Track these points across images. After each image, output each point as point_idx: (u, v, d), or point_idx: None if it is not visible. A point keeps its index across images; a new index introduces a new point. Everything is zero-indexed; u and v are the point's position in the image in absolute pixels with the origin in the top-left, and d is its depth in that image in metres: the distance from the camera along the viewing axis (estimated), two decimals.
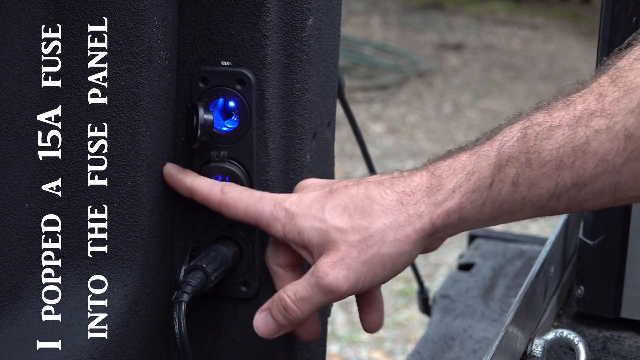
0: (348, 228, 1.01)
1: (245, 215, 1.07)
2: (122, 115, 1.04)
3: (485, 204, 0.98)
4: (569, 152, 0.93)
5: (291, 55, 1.09)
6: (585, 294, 1.36)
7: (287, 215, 1.05)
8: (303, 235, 1.04)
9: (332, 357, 3.58)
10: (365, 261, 1.01)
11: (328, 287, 1.01)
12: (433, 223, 1.00)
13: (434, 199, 1.00)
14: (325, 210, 1.03)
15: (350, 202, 1.02)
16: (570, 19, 9.31)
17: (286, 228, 1.05)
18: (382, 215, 1.01)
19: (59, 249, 1.05)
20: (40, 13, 0.99)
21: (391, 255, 1.01)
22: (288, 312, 1.04)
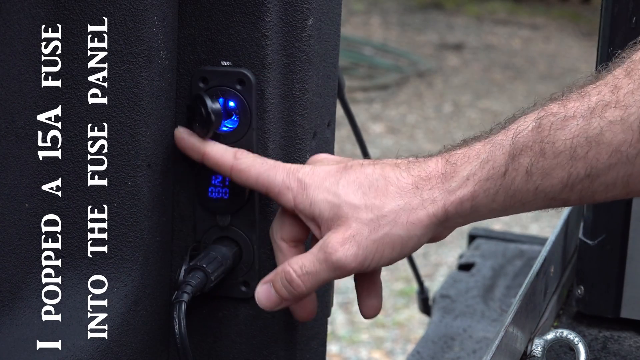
0: (361, 205, 1.01)
1: (256, 182, 1.06)
2: (122, 115, 1.04)
3: (499, 193, 0.97)
4: (582, 143, 0.93)
5: (291, 55, 1.09)
6: (585, 294, 1.36)
7: (299, 185, 1.04)
8: (314, 207, 1.03)
9: (332, 357, 3.58)
10: (375, 240, 1.00)
11: (336, 263, 1.00)
12: (446, 209, 1.00)
13: (448, 185, 1.00)
14: (339, 185, 1.02)
15: (365, 180, 1.02)
16: (570, 19, 9.31)
17: (297, 198, 1.04)
18: (396, 197, 1.00)
19: (59, 249, 1.05)
20: (40, 13, 0.99)
21: (402, 237, 1.00)
22: (292, 285, 1.03)
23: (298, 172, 1.05)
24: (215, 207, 1.12)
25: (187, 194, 1.13)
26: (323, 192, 1.03)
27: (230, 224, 1.12)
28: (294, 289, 1.03)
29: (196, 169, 1.12)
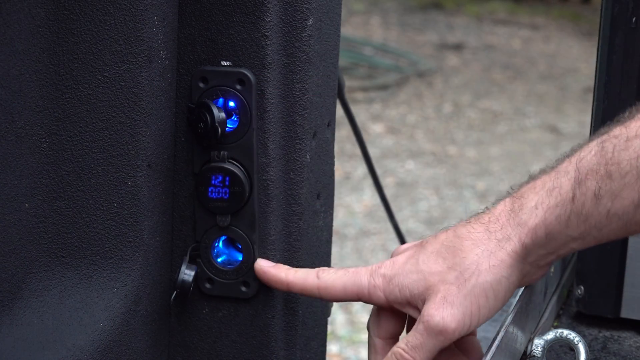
0: (444, 270, 1.03)
1: (344, 293, 1.08)
2: (122, 115, 1.04)
3: (570, 218, 0.98)
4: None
5: (291, 55, 1.09)
6: (585, 294, 1.36)
7: (384, 280, 1.06)
8: (404, 292, 1.05)
9: (332, 357, 3.58)
10: (467, 294, 1.01)
11: (436, 328, 1.02)
12: (522, 243, 1.01)
13: (518, 219, 1.01)
14: (419, 262, 1.04)
15: (441, 247, 1.04)
16: (570, 19, 9.31)
17: (387, 291, 1.06)
18: (473, 248, 1.02)
19: (59, 248, 1.05)
20: (40, 13, 0.99)
21: (490, 283, 1.01)
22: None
23: (380, 269, 1.07)
24: (215, 207, 1.12)
25: (187, 194, 1.13)
26: (407, 275, 1.05)
27: (230, 224, 1.12)
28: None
29: (196, 170, 1.12)
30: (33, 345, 1.01)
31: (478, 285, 1.01)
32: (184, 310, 1.16)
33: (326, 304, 1.24)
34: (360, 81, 7.01)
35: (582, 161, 0.97)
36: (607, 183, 0.95)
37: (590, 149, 0.98)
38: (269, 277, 1.11)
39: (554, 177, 1.00)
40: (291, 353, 1.17)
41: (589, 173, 0.96)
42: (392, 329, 1.10)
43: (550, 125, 6.44)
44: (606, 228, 0.98)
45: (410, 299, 1.05)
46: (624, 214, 0.96)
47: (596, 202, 0.96)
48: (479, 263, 1.01)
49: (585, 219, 0.97)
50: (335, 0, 1.16)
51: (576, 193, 0.97)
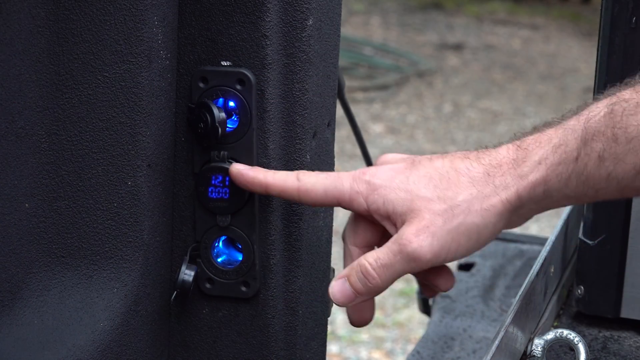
0: (433, 197, 1.01)
1: (325, 197, 1.06)
2: (122, 115, 1.04)
3: (571, 178, 0.97)
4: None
5: (291, 55, 1.09)
6: (585, 294, 1.36)
7: (368, 188, 1.04)
8: (387, 205, 1.02)
9: (332, 357, 3.58)
10: (450, 230, 1.00)
11: (412, 254, 1.00)
12: (519, 195, 0.99)
13: (520, 170, 0.99)
14: (409, 181, 1.02)
15: (435, 173, 1.02)
16: (570, 19, 9.31)
17: (369, 199, 1.03)
18: (468, 186, 1.00)
19: (59, 248, 1.05)
20: (40, 13, 0.99)
21: (477, 224, 1.00)
22: (367, 278, 1.02)
23: (364, 175, 1.05)
24: (215, 207, 1.12)
25: (187, 194, 1.13)
26: (394, 190, 1.02)
27: (230, 224, 1.12)
28: (369, 281, 1.02)
29: (196, 170, 1.12)
30: (33, 345, 1.01)
31: (464, 224, 1.00)
32: (184, 310, 1.16)
33: (326, 304, 1.24)
34: (360, 81, 7.01)
35: (590, 121, 0.97)
36: (612, 146, 0.95)
37: (599, 110, 0.97)
38: (247, 179, 1.08)
39: (561, 134, 0.99)
40: (291, 353, 1.17)
41: (596, 134, 0.96)
42: (368, 238, 1.07)
43: None
44: (603, 190, 0.97)
45: (391, 214, 1.03)
46: (624, 178, 0.95)
47: (599, 163, 0.96)
48: (471, 203, 1.00)
49: (585, 180, 0.97)
50: (335, 0, 1.16)
51: (580, 153, 0.97)
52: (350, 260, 1.07)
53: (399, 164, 1.05)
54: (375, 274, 1.02)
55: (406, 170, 1.03)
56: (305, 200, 1.07)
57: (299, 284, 1.15)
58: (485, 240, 1.01)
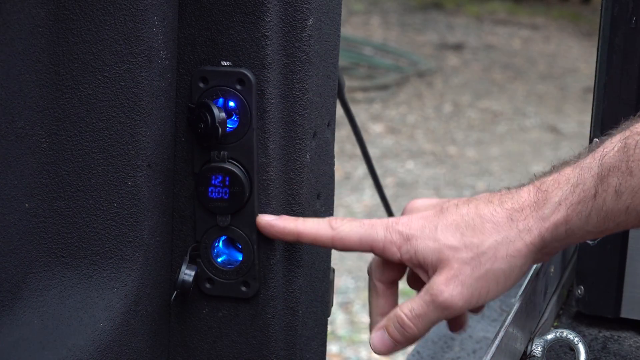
0: (460, 246, 1.04)
1: (359, 245, 1.09)
2: (122, 115, 1.04)
3: (591, 215, 1.00)
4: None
5: (291, 55, 1.09)
6: (585, 294, 1.36)
7: (401, 238, 1.07)
8: (419, 255, 1.06)
9: (332, 357, 3.58)
10: (479, 277, 1.03)
11: (443, 304, 1.04)
12: (542, 237, 1.02)
13: (542, 213, 1.02)
14: (437, 230, 1.05)
15: (461, 221, 1.05)
16: (570, 19, 9.31)
17: (402, 250, 1.07)
18: (493, 232, 1.03)
19: (59, 248, 1.05)
20: (40, 13, 0.99)
21: (504, 270, 1.03)
22: (405, 328, 1.06)
23: (397, 224, 1.08)
24: (216, 207, 1.12)
25: (187, 194, 1.13)
26: (424, 240, 1.06)
27: (230, 224, 1.12)
28: (406, 331, 1.07)
29: (197, 170, 1.12)
30: (33, 345, 1.01)
31: (492, 271, 1.03)
32: (184, 310, 1.16)
33: (326, 304, 1.24)
34: (360, 81, 7.01)
35: (605, 157, 0.99)
36: (628, 179, 0.97)
37: (613, 145, 0.99)
38: (277, 229, 1.11)
39: (578, 173, 1.01)
40: (291, 353, 1.17)
41: (611, 169, 0.98)
42: (394, 276, 1.12)
43: (550, 125, 6.44)
44: (623, 222, 1.00)
45: (422, 264, 1.06)
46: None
47: (617, 198, 0.98)
48: (497, 249, 1.03)
49: (605, 215, 0.99)
50: (335, 0, 1.16)
51: (598, 189, 0.99)
52: (375, 295, 1.12)
53: (428, 212, 1.08)
54: (412, 324, 1.06)
55: (435, 218, 1.07)
56: (338, 247, 1.10)
57: (299, 284, 1.15)
58: (513, 282, 1.05)
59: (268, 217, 1.11)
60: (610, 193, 0.98)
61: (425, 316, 1.05)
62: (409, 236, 1.07)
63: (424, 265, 1.06)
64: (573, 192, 1.00)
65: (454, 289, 1.03)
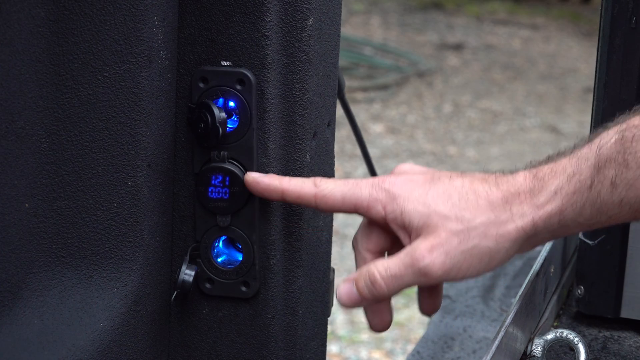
0: (451, 216, 1.02)
1: (342, 203, 1.06)
2: (122, 115, 1.04)
3: (585, 206, 0.99)
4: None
5: (291, 55, 1.09)
6: (585, 294, 1.36)
7: (388, 196, 1.05)
8: (404, 216, 1.03)
9: (332, 357, 3.58)
10: (464, 251, 1.01)
11: (423, 269, 1.01)
12: (534, 224, 1.01)
13: (537, 200, 1.01)
14: (428, 195, 1.03)
15: (454, 192, 1.03)
16: (570, 19, 9.31)
17: (387, 208, 1.04)
18: (486, 210, 1.02)
19: (59, 248, 1.05)
20: (40, 13, 0.99)
21: (490, 249, 1.01)
22: (374, 285, 1.03)
23: (384, 183, 1.06)
24: (216, 207, 1.12)
25: (187, 194, 1.13)
26: (412, 202, 1.04)
27: (230, 224, 1.12)
28: (375, 289, 1.04)
29: (197, 170, 1.12)
30: (33, 345, 1.01)
31: (479, 247, 1.01)
32: (184, 310, 1.16)
33: (326, 304, 1.24)
34: (360, 81, 7.01)
35: (602, 149, 0.98)
36: (624, 172, 0.97)
37: (610, 137, 0.99)
38: (262, 186, 1.09)
39: (574, 163, 1.00)
40: (291, 353, 1.17)
41: (608, 161, 0.98)
42: (381, 244, 1.09)
43: (550, 125, 6.44)
44: (615, 215, 0.99)
45: (407, 225, 1.04)
46: (636, 202, 0.97)
47: (612, 190, 0.97)
48: (487, 227, 1.01)
49: (599, 207, 0.99)
50: (335, 0, 1.16)
51: (594, 180, 0.98)
52: (363, 265, 1.08)
53: (418, 176, 1.06)
54: (383, 283, 1.03)
55: (425, 184, 1.05)
56: (322, 206, 1.08)
57: (299, 284, 1.15)
58: (496, 264, 1.03)
59: (255, 174, 1.09)
60: (605, 185, 0.97)
61: (400, 278, 1.02)
62: (396, 195, 1.04)
63: (408, 227, 1.04)
64: (569, 181, 1.00)
65: (437, 257, 1.01)
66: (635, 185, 0.96)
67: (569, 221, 1.00)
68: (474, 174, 1.05)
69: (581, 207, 0.99)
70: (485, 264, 1.02)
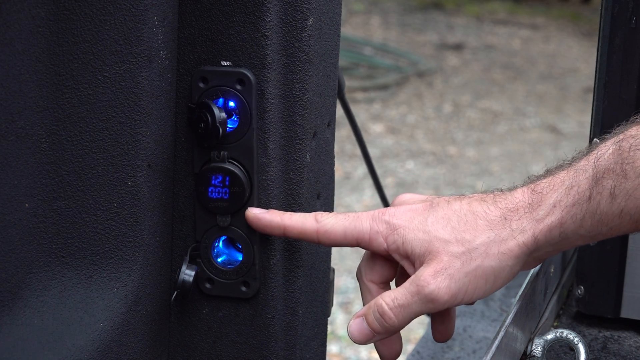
0: (452, 239, 1.02)
1: (344, 238, 1.07)
2: (122, 115, 1.04)
3: (585, 218, 0.99)
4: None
5: (291, 55, 1.09)
6: (585, 294, 1.36)
7: (388, 227, 1.05)
8: (406, 245, 1.04)
9: (332, 357, 3.59)
10: (468, 273, 1.01)
11: (429, 296, 1.01)
12: (536, 238, 1.01)
13: (536, 214, 1.01)
14: (428, 222, 1.04)
15: (453, 216, 1.04)
16: (570, 19, 9.31)
17: (389, 240, 1.05)
18: (486, 229, 1.02)
19: (59, 248, 1.05)
20: (40, 13, 0.99)
21: (494, 268, 1.01)
22: (384, 318, 1.04)
23: (384, 215, 1.06)
24: (216, 207, 1.12)
25: (187, 194, 1.13)
26: (413, 231, 1.04)
27: (230, 224, 1.12)
28: (385, 321, 1.04)
29: (197, 170, 1.12)
30: (33, 345, 1.01)
31: (482, 267, 1.01)
32: (184, 310, 1.16)
33: (326, 304, 1.24)
34: (360, 81, 7.01)
35: (600, 160, 0.98)
36: (622, 182, 0.96)
37: (607, 148, 0.99)
38: (264, 223, 1.09)
39: (572, 175, 1.00)
40: (291, 353, 1.17)
41: (606, 172, 0.97)
42: (385, 275, 1.09)
43: (550, 125, 6.44)
44: (617, 226, 0.98)
45: (409, 255, 1.04)
46: (636, 213, 0.97)
47: (611, 200, 0.97)
48: (488, 246, 1.01)
49: (600, 218, 0.98)
50: (335, 0, 1.16)
51: (593, 192, 0.98)
52: (369, 296, 1.09)
53: (417, 205, 1.06)
54: (392, 315, 1.03)
55: (425, 211, 1.05)
56: (324, 241, 1.08)
57: (299, 284, 1.15)
58: (502, 282, 1.03)
59: (256, 210, 1.10)
60: (604, 196, 0.97)
61: (408, 307, 1.02)
62: (396, 226, 1.05)
63: (411, 256, 1.04)
64: (568, 194, 1.00)
65: (442, 281, 1.01)
66: (634, 195, 0.96)
67: (570, 233, 1.00)
68: (472, 196, 1.06)
69: (581, 219, 0.99)
70: (491, 283, 1.02)
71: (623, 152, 0.97)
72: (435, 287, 1.01)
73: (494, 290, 1.03)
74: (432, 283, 1.01)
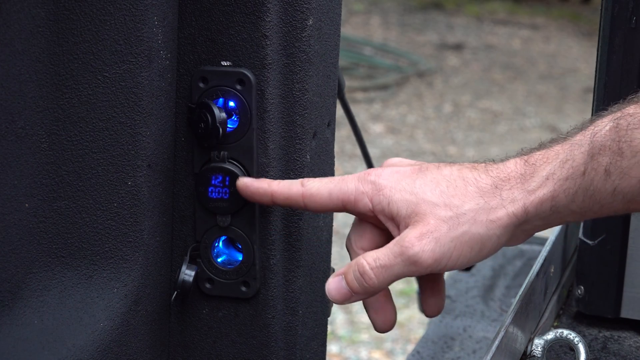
0: (440, 203, 1.00)
1: (330, 200, 1.05)
2: (122, 115, 1.04)
3: (577, 193, 0.97)
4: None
5: (291, 55, 1.09)
6: (585, 294, 1.36)
7: (374, 188, 1.03)
8: (392, 206, 1.02)
9: (332, 357, 3.58)
10: (454, 238, 0.99)
11: (412, 258, 0.99)
12: (526, 209, 0.99)
13: (528, 185, 0.99)
14: (416, 184, 1.02)
15: (443, 180, 1.02)
16: (570, 19, 9.31)
17: (374, 200, 1.03)
18: (475, 196, 1.00)
19: (59, 248, 1.05)
20: (40, 13, 0.99)
21: (481, 235, 0.99)
22: (364, 278, 1.01)
23: (369, 175, 1.04)
24: (216, 207, 1.12)
25: (187, 194, 1.13)
26: (400, 192, 1.02)
27: (230, 224, 1.12)
28: (365, 281, 1.01)
29: (197, 170, 1.12)
30: (33, 345, 1.01)
31: (469, 233, 0.99)
32: (184, 310, 1.16)
33: (326, 304, 1.24)
34: (360, 81, 7.01)
35: (596, 135, 0.97)
36: (618, 160, 0.95)
37: (604, 124, 0.97)
38: (252, 190, 1.08)
39: (567, 149, 0.99)
40: (291, 353, 1.17)
41: (602, 148, 0.96)
42: (376, 241, 1.06)
43: (550, 125, 6.44)
44: (608, 205, 0.97)
45: (395, 216, 1.02)
46: (629, 192, 0.96)
47: (605, 178, 0.96)
48: (477, 213, 0.99)
49: (592, 195, 0.97)
50: (335, 0, 1.16)
51: (587, 167, 0.97)
52: None
53: (405, 168, 1.05)
54: (373, 274, 1.01)
55: (413, 174, 1.03)
56: (310, 205, 1.06)
57: (299, 284, 1.15)
58: (487, 252, 1.01)
59: (246, 178, 1.09)
60: (599, 172, 0.96)
61: (390, 268, 1.00)
62: (383, 186, 1.03)
63: (397, 217, 1.02)
64: (562, 167, 0.98)
65: (427, 244, 0.98)
66: (629, 174, 0.95)
67: (561, 208, 0.98)
68: (463, 163, 1.04)
69: (574, 194, 0.97)
70: (476, 251, 1.00)
71: (620, 129, 0.95)
72: (419, 249, 0.99)
73: (477, 260, 1.01)
74: (417, 245, 0.99)
